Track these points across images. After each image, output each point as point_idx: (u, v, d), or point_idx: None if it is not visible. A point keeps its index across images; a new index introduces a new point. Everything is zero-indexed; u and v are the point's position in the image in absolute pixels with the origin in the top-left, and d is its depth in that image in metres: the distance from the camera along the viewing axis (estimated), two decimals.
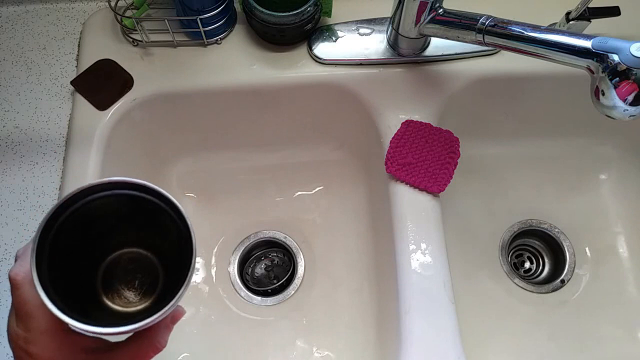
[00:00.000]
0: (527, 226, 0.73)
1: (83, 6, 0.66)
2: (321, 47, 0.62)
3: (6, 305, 0.52)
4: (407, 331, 0.51)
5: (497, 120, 0.71)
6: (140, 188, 0.30)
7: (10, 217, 0.56)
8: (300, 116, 0.68)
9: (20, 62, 0.63)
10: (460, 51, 0.61)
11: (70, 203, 0.29)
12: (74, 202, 0.30)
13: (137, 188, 0.30)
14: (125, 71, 0.61)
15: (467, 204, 0.74)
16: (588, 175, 0.76)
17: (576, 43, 0.44)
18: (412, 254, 0.54)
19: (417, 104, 0.61)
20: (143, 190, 0.30)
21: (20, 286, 0.29)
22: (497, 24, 0.49)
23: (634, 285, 0.70)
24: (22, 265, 0.29)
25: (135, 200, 0.31)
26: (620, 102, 0.42)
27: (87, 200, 0.30)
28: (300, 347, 0.66)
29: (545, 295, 0.70)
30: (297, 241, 0.72)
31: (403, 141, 0.59)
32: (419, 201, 0.57)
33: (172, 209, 0.30)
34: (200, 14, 0.58)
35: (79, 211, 0.30)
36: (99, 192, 0.30)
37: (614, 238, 0.73)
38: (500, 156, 0.75)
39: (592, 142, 0.75)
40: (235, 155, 0.73)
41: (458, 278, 0.66)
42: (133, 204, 0.31)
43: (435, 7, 0.54)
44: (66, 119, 0.60)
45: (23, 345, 0.29)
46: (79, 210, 0.30)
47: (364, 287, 0.68)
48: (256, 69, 0.62)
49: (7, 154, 0.58)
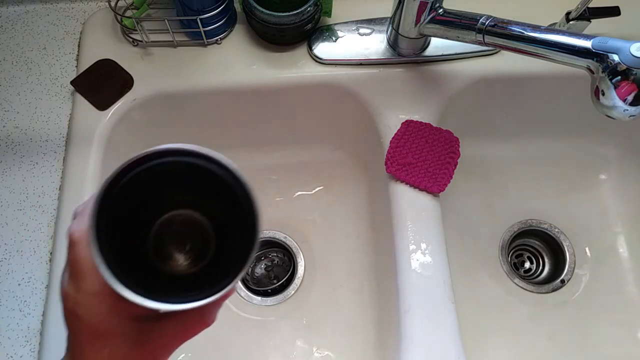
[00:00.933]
0: (527, 226, 0.73)
1: (83, 6, 0.66)
2: (321, 47, 0.62)
3: (6, 306, 0.52)
4: (407, 331, 0.51)
5: (497, 120, 0.71)
6: (206, 158, 0.30)
7: (10, 217, 0.56)
8: (300, 116, 0.68)
9: (20, 62, 0.63)
10: (460, 51, 0.61)
11: (132, 167, 0.29)
12: (136, 166, 0.29)
13: (203, 157, 0.30)
14: (125, 71, 0.61)
15: (467, 204, 0.74)
16: (588, 175, 0.76)
17: (576, 43, 0.44)
18: (412, 254, 0.54)
19: (417, 104, 0.61)
20: (210, 161, 0.30)
21: (76, 244, 0.28)
22: (497, 24, 0.49)
23: (634, 285, 0.70)
24: (79, 224, 0.28)
25: (198, 169, 0.30)
26: (620, 102, 0.42)
27: (149, 165, 0.29)
28: (300, 347, 0.66)
29: (545, 295, 0.70)
30: (297, 241, 0.72)
31: (403, 141, 0.59)
32: (419, 201, 0.57)
33: (237, 182, 0.30)
34: (200, 14, 0.58)
35: (140, 175, 0.29)
36: (160, 158, 0.30)
37: (614, 238, 0.73)
38: (500, 156, 0.75)
39: (592, 142, 0.75)
40: (235, 155, 0.72)
41: (458, 278, 0.66)
42: (195, 173, 0.30)
43: (435, 7, 0.54)
44: (66, 119, 0.60)
45: (71, 307, 0.28)
46: (140, 174, 0.29)
47: (364, 287, 0.68)
48: (256, 69, 0.62)
49: (7, 154, 0.58)
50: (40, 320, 0.51)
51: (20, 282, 0.53)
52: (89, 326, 0.28)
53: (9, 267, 0.54)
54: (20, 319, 0.52)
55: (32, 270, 0.53)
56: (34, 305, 0.52)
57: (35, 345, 0.51)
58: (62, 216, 0.55)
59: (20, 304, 0.52)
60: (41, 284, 0.53)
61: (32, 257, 0.54)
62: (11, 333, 0.51)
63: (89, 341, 0.29)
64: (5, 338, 0.51)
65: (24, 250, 0.54)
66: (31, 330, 0.51)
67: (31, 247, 0.54)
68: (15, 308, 0.52)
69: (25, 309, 0.52)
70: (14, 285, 0.53)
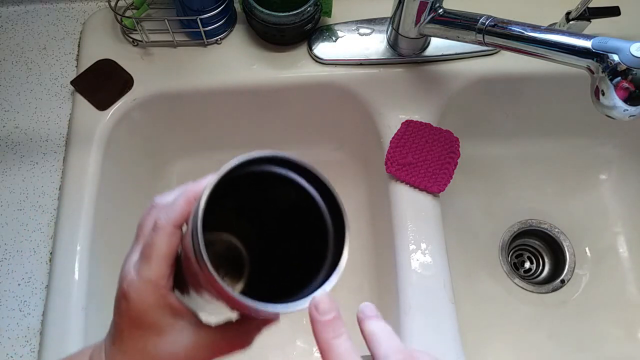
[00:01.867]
0: (527, 226, 0.73)
1: (83, 6, 0.66)
2: (321, 47, 0.62)
3: (6, 306, 0.52)
4: (407, 331, 0.51)
5: (497, 120, 0.71)
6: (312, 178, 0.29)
7: (10, 217, 0.56)
8: (300, 116, 0.68)
9: (20, 62, 0.63)
10: (460, 51, 0.61)
11: (239, 169, 0.28)
12: (244, 167, 0.28)
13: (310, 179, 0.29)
14: (125, 71, 0.61)
15: (467, 204, 0.74)
16: (588, 175, 0.76)
17: (576, 43, 0.44)
18: (412, 254, 0.54)
19: (417, 104, 0.61)
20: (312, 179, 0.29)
21: (159, 229, 0.28)
22: (497, 24, 0.49)
23: (634, 285, 0.70)
24: (167, 212, 0.29)
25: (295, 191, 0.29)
26: (620, 102, 0.42)
27: (255, 171, 0.29)
28: (300, 347, 0.66)
29: (545, 295, 0.70)
30: None
31: (403, 141, 0.59)
32: (419, 201, 0.57)
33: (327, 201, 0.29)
34: (200, 14, 0.58)
35: (242, 177, 0.28)
36: (271, 164, 0.29)
37: (614, 238, 0.73)
38: (500, 156, 0.75)
39: (592, 142, 0.75)
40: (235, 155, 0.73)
41: (458, 278, 0.66)
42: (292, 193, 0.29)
43: (435, 7, 0.54)
44: (66, 119, 0.60)
45: (126, 288, 0.29)
46: (242, 177, 0.29)
47: (364, 287, 0.68)
48: (256, 69, 0.62)
49: (7, 154, 0.58)
50: (40, 320, 0.51)
51: (20, 282, 0.53)
52: (134, 313, 0.29)
53: (9, 267, 0.54)
54: (20, 319, 0.52)
55: (32, 270, 0.53)
56: (34, 305, 0.52)
57: (35, 345, 0.51)
58: (62, 216, 0.55)
59: (20, 304, 0.52)
60: (41, 284, 0.53)
61: (32, 257, 0.54)
62: (11, 333, 0.51)
63: (128, 328, 0.29)
64: (5, 338, 0.51)
65: (24, 250, 0.54)
66: (31, 330, 0.51)
67: (31, 247, 0.54)
68: (15, 308, 0.52)
69: (25, 309, 0.52)
70: (14, 285, 0.53)
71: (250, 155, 0.28)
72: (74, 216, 0.54)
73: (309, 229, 0.31)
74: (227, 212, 0.33)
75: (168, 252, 0.29)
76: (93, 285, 0.53)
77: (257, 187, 0.31)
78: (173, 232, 0.29)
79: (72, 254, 0.53)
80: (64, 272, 0.52)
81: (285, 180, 0.30)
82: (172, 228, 0.29)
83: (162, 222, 0.29)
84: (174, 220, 0.29)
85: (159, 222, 0.29)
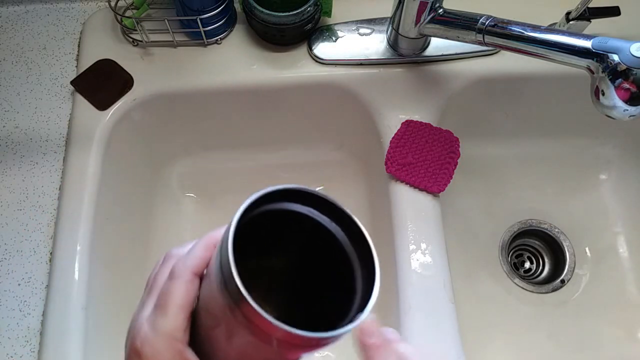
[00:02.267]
0: (527, 226, 0.73)
1: (83, 6, 0.66)
2: (321, 47, 0.62)
3: (6, 306, 0.52)
4: (407, 331, 0.51)
5: (497, 120, 0.71)
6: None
7: (10, 217, 0.56)
8: (300, 116, 0.68)
9: (20, 62, 0.63)
10: (460, 51, 0.61)
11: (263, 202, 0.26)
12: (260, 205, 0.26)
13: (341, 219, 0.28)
14: (125, 71, 0.61)
15: (467, 204, 0.74)
16: (588, 175, 0.76)
17: (576, 43, 0.44)
18: (412, 254, 0.54)
19: (417, 104, 0.61)
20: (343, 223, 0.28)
21: (176, 277, 0.27)
22: (497, 24, 0.49)
23: (634, 285, 0.70)
24: (186, 259, 0.27)
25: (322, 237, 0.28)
26: (620, 102, 0.42)
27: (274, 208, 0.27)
28: None
29: (545, 295, 0.70)
30: None
31: (403, 141, 0.59)
32: (419, 201, 0.57)
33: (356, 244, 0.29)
34: (200, 14, 0.58)
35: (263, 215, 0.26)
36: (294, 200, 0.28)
37: (614, 238, 0.73)
38: (500, 156, 0.75)
39: (592, 142, 0.75)
40: (235, 155, 0.73)
41: (458, 278, 0.66)
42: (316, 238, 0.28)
43: (435, 7, 0.54)
44: (66, 119, 0.60)
45: (139, 345, 0.26)
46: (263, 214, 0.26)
47: None
48: (256, 69, 0.62)
49: (7, 154, 0.58)
50: (40, 320, 0.51)
51: (20, 282, 0.53)
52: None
53: (9, 267, 0.54)
54: (20, 319, 0.52)
55: (32, 270, 0.53)
56: (34, 305, 0.52)
57: (35, 345, 0.51)
58: (62, 216, 0.55)
59: (20, 304, 0.52)
60: (41, 284, 0.53)
61: (32, 257, 0.54)
62: (11, 333, 0.51)
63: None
64: (5, 338, 0.51)
65: (24, 250, 0.54)
66: (31, 330, 0.51)
67: (31, 247, 0.54)
68: (15, 308, 0.52)
69: (25, 309, 0.52)
70: (14, 285, 0.53)
71: (265, 191, 0.26)
72: (74, 216, 0.54)
73: (330, 262, 0.30)
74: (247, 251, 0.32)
75: (186, 301, 0.26)
76: (93, 285, 0.53)
77: (273, 227, 0.29)
78: (192, 279, 0.27)
79: (72, 254, 0.53)
80: (64, 272, 0.52)
81: (300, 217, 0.28)
82: (191, 275, 0.27)
83: (180, 268, 0.27)
84: (193, 266, 0.27)
85: (177, 269, 0.27)
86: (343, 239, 0.29)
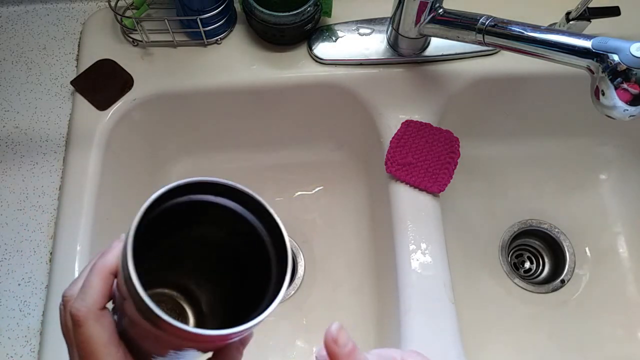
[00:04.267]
0: (527, 226, 0.73)
1: (83, 6, 0.66)
2: (321, 47, 0.62)
3: (6, 306, 0.52)
4: (407, 331, 0.51)
5: (497, 120, 0.71)
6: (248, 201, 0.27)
7: (10, 217, 0.56)
8: (300, 116, 0.68)
9: (20, 62, 0.63)
10: (460, 51, 0.61)
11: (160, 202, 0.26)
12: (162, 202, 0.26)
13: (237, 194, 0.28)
14: (125, 71, 0.61)
15: (467, 204, 0.74)
16: (588, 175, 0.76)
17: (576, 43, 0.44)
18: (412, 254, 0.54)
19: (417, 104, 0.61)
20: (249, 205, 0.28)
21: (83, 323, 0.25)
22: (497, 24, 0.49)
23: (634, 285, 0.70)
24: (83, 300, 0.26)
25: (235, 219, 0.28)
26: (621, 102, 0.42)
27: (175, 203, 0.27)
28: (300, 347, 0.66)
29: (545, 295, 0.70)
30: (297, 241, 0.72)
31: (403, 141, 0.59)
32: (419, 201, 0.57)
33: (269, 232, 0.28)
34: (200, 14, 0.58)
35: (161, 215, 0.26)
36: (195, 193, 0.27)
37: (614, 238, 0.73)
38: (500, 156, 0.75)
39: (592, 142, 0.75)
40: (235, 155, 0.73)
41: (458, 278, 0.66)
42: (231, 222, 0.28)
43: (435, 7, 0.54)
44: (66, 119, 0.60)
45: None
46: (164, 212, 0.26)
47: (364, 287, 0.68)
48: (256, 69, 0.62)
49: (7, 154, 0.58)
50: (40, 320, 0.51)
51: (20, 282, 0.53)
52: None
53: (9, 267, 0.54)
54: (20, 319, 0.52)
55: (32, 270, 0.53)
56: (34, 305, 0.52)
57: (35, 345, 0.51)
58: (62, 216, 0.55)
59: (20, 304, 0.52)
60: (41, 284, 0.53)
61: (32, 257, 0.54)
62: (11, 333, 0.51)
63: None
64: (5, 338, 0.51)
65: (24, 250, 0.54)
66: (31, 330, 0.51)
67: (31, 247, 0.54)
68: (15, 308, 0.52)
69: (25, 309, 0.52)
70: (14, 285, 0.53)
71: (168, 187, 0.26)
72: (74, 216, 0.54)
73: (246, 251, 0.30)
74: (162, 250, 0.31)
75: (108, 338, 0.25)
76: None
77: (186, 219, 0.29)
78: (100, 316, 0.25)
79: (72, 254, 0.53)
80: (64, 272, 0.52)
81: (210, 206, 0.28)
82: (96, 312, 0.25)
83: (83, 313, 0.25)
84: (94, 303, 0.25)
85: (80, 316, 0.25)
86: (260, 228, 0.29)
